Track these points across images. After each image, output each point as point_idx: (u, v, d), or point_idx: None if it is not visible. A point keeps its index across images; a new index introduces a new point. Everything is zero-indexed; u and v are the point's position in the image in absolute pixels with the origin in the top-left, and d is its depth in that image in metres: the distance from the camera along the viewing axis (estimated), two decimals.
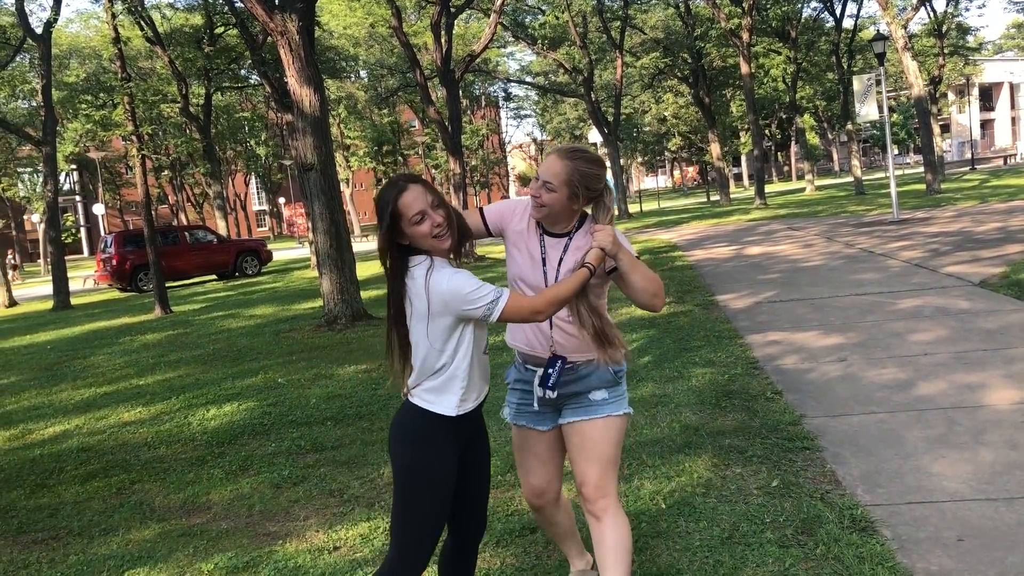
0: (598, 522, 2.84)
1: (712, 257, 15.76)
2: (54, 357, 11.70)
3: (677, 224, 27.84)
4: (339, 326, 11.10)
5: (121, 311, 18.14)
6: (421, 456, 2.53)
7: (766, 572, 3.32)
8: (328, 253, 11.23)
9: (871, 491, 4.05)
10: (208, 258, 25.70)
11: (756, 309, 9.44)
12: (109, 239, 24.83)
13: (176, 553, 4.22)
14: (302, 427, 6.42)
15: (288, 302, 15.86)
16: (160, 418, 7.23)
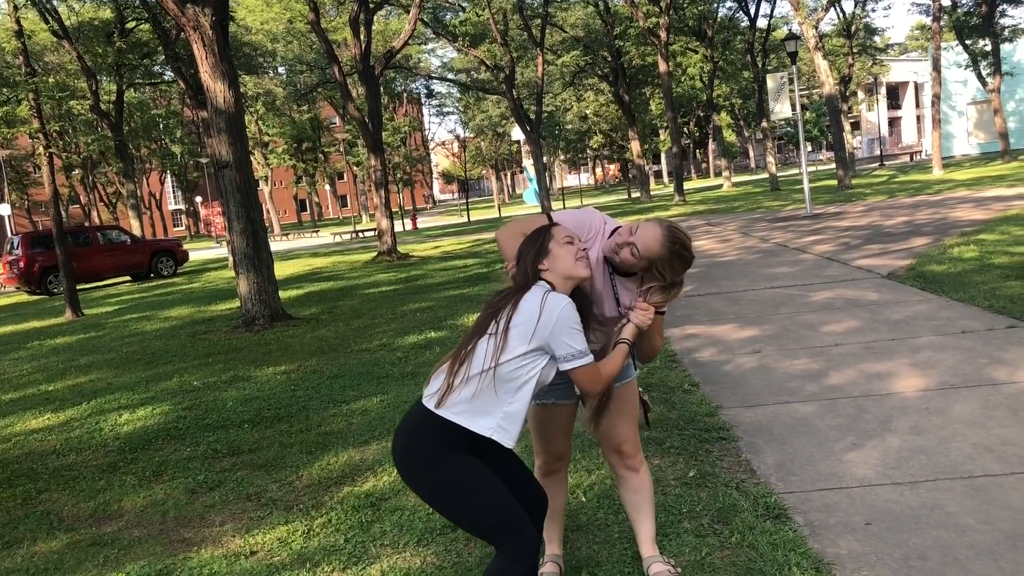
0: (635, 474, 3.18)
1: None
2: None
3: None
4: (257, 327, 10.89)
5: (29, 315, 17.49)
6: (449, 452, 2.52)
7: (683, 561, 3.37)
8: (245, 253, 11.00)
9: (784, 479, 4.15)
10: (122, 259, 24.95)
11: (674, 304, 9.57)
12: (16, 240, 23.90)
13: (85, 563, 4.08)
14: (218, 430, 6.28)
15: (205, 303, 15.51)
16: (70, 424, 6.99)
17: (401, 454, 2.58)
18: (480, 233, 28.84)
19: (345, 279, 17.26)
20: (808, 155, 75.91)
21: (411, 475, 2.56)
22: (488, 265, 16.67)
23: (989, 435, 4.40)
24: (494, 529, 2.53)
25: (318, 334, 10.19)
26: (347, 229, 45.18)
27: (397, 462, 2.59)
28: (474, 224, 36.85)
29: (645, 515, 3.20)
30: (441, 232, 33.43)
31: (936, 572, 3.10)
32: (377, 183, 20.05)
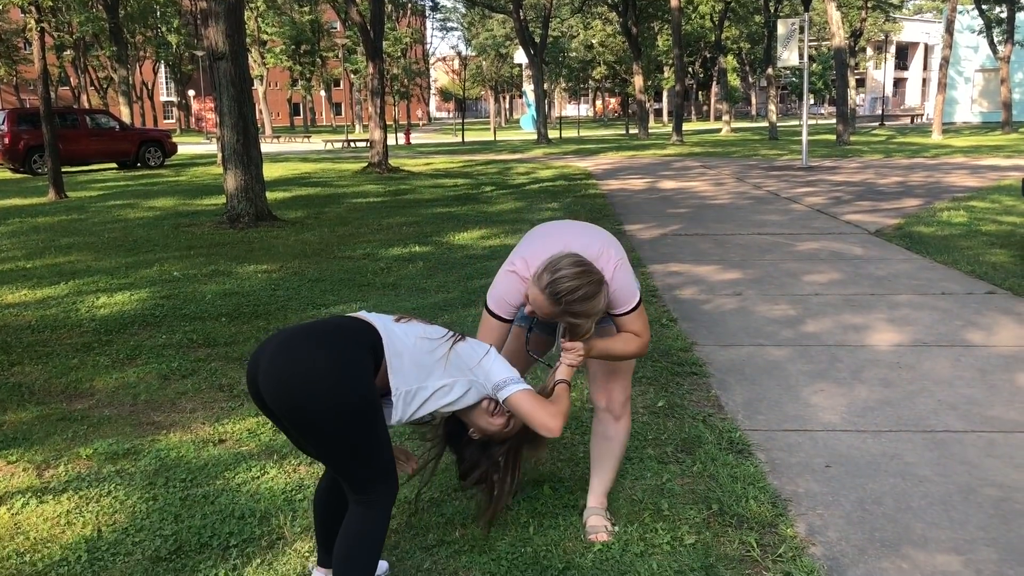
0: (616, 421, 3.12)
1: (625, 188, 15.88)
2: None
3: (594, 153, 27.90)
4: (241, 224, 10.82)
5: (12, 192, 17.28)
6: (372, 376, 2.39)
7: (644, 485, 3.43)
8: (235, 148, 10.86)
9: (751, 417, 4.21)
10: (109, 145, 24.55)
11: (661, 241, 9.59)
12: (2, 116, 23.42)
13: (54, 436, 4.11)
14: (195, 321, 6.28)
15: (191, 196, 15.36)
16: (46, 302, 6.97)
17: (328, 359, 2.31)
18: (473, 154, 28.59)
19: (333, 186, 17.11)
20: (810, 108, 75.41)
21: (326, 387, 2.28)
22: (477, 187, 16.57)
23: (955, 393, 4.47)
24: (382, 470, 2.40)
25: (302, 237, 10.14)
26: (339, 137, 44.62)
27: (315, 368, 2.29)
28: (468, 145, 36.49)
29: (607, 466, 3.14)
30: (434, 150, 33.10)
31: (888, 517, 3.18)
32: (373, 91, 19.73)
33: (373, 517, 2.41)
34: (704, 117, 79.39)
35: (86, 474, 3.66)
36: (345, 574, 2.39)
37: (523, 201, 13.68)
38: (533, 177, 18.39)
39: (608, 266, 2.72)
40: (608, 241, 2.82)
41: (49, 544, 3.04)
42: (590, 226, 2.90)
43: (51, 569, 2.88)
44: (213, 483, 3.53)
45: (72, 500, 3.39)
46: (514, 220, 11.33)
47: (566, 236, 2.79)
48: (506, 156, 27.00)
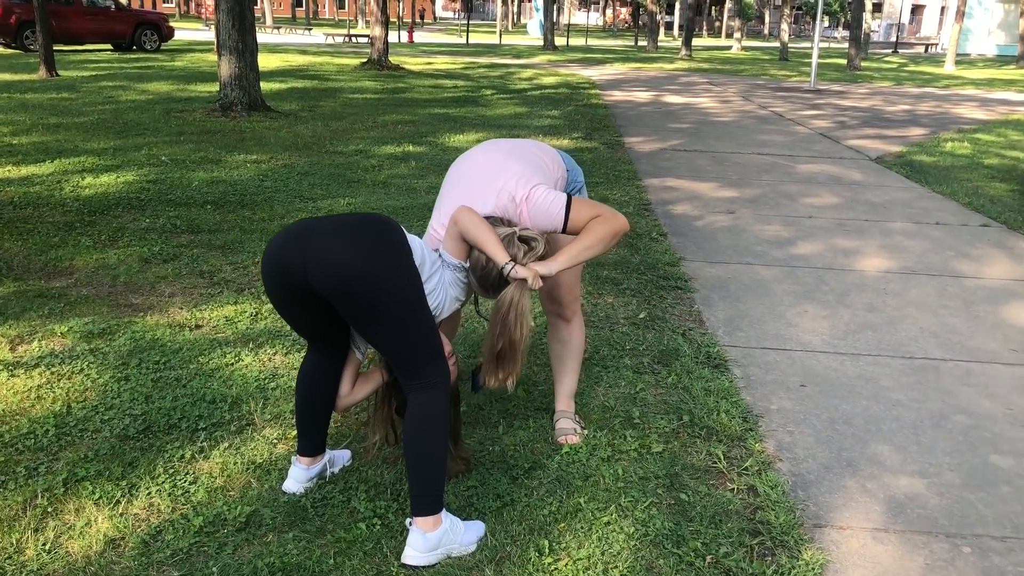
0: (567, 324, 3.10)
1: (629, 100, 15.60)
2: None
3: (600, 63, 27.36)
4: (234, 113, 10.61)
5: (1, 68, 16.89)
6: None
7: (617, 393, 3.43)
8: (229, 34, 10.57)
9: (731, 334, 4.20)
10: (104, 25, 23.91)
11: (660, 155, 9.46)
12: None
13: (30, 312, 4.08)
14: (180, 207, 6.20)
15: (185, 82, 15.05)
16: (30, 179, 6.86)
17: (376, 240, 2.31)
18: (476, 56, 28.00)
19: (330, 81, 16.77)
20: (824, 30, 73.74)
21: (377, 264, 2.27)
22: (476, 90, 16.26)
23: (938, 322, 4.46)
24: (438, 349, 2.43)
25: (295, 130, 9.96)
26: (341, 32, 43.59)
27: (368, 248, 2.28)
28: (472, 47, 35.70)
29: (568, 368, 3.13)
30: (437, 50, 32.40)
31: (857, 437, 3.19)
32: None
33: (436, 398, 2.41)
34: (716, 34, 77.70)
35: (59, 351, 3.63)
36: (422, 460, 2.37)
37: (524, 107, 13.44)
38: (535, 83, 18.05)
39: (518, 203, 2.59)
40: (514, 172, 2.65)
41: (18, 417, 3.04)
42: (497, 158, 2.73)
43: (18, 441, 2.88)
44: (187, 367, 3.52)
45: (44, 376, 3.38)
46: (512, 126, 11.14)
47: (473, 185, 2.66)
48: (509, 60, 26.46)
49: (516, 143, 2.89)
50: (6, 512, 2.48)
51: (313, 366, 2.65)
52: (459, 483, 2.72)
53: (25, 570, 2.24)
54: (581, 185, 3.02)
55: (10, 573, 2.23)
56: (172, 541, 2.39)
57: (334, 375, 2.65)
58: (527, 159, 2.75)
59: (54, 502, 2.53)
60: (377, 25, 19.57)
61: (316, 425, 2.68)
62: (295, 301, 2.39)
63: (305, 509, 2.56)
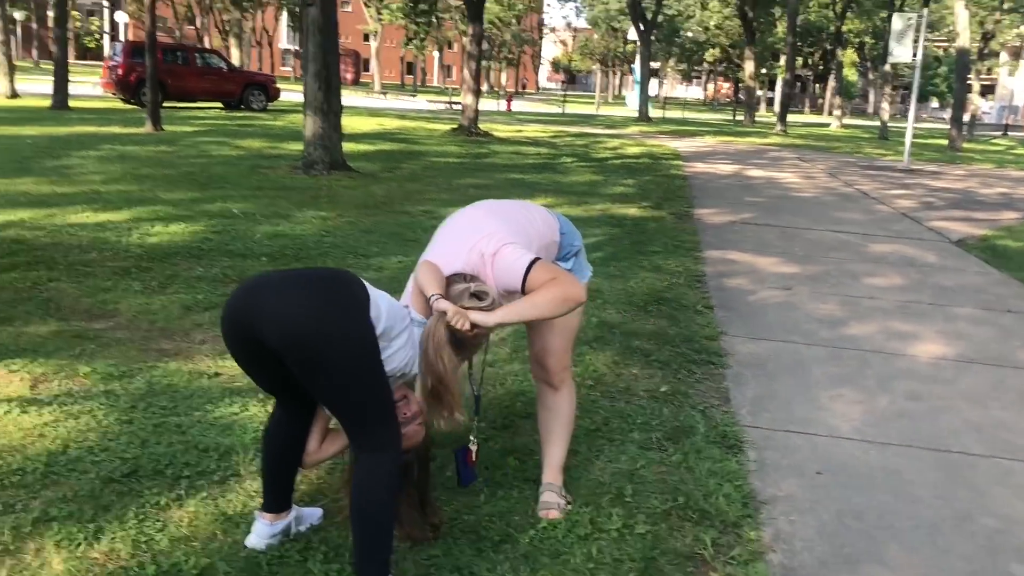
0: (555, 392, 2.97)
1: (710, 172, 15.48)
2: (30, 152, 11.58)
3: (691, 136, 27.31)
4: (315, 171, 10.94)
5: (114, 120, 17.89)
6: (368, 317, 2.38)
7: (615, 468, 3.30)
8: (315, 96, 10.97)
9: (756, 414, 4.02)
10: (216, 84, 25.19)
11: (728, 228, 9.29)
12: (118, 47, 24.34)
13: (62, 352, 4.21)
14: (236, 258, 6.37)
15: (278, 140, 15.64)
16: (104, 225, 7.17)
17: (326, 297, 2.29)
18: (568, 126, 28.33)
19: (418, 144, 17.18)
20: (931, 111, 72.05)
21: (322, 321, 2.24)
22: (557, 157, 16.40)
23: (986, 415, 4.18)
24: (389, 412, 2.37)
25: (370, 189, 10.19)
26: (443, 99, 44.79)
27: (315, 305, 2.25)
28: (567, 116, 36.18)
29: (555, 438, 3.01)
30: (532, 118, 32.93)
31: (864, 533, 2.98)
32: (469, 54, 19.66)
33: (384, 462, 2.34)
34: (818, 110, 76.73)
35: (77, 391, 3.73)
36: (366, 527, 2.31)
37: (600, 175, 13.47)
38: (618, 153, 18.10)
39: (485, 260, 2.57)
40: (489, 231, 2.62)
41: (14, 453, 3.11)
42: (477, 217, 2.73)
43: (6, 476, 2.94)
44: (191, 414, 3.55)
45: (53, 414, 3.46)
46: (583, 192, 11.16)
47: (449, 242, 2.67)
48: (600, 130, 26.67)
49: (504, 204, 2.87)
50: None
51: (279, 421, 2.63)
52: (421, 550, 2.64)
53: None
54: (578, 249, 2.97)
55: None
56: None
57: (301, 431, 2.63)
58: (509, 219, 2.73)
59: (17, 540, 2.56)
60: (469, 93, 20.03)
61: (281, 482, 2.66)
62: (251, 355, 2.40)
63: (260, 566, 2.52)
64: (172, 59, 24.49)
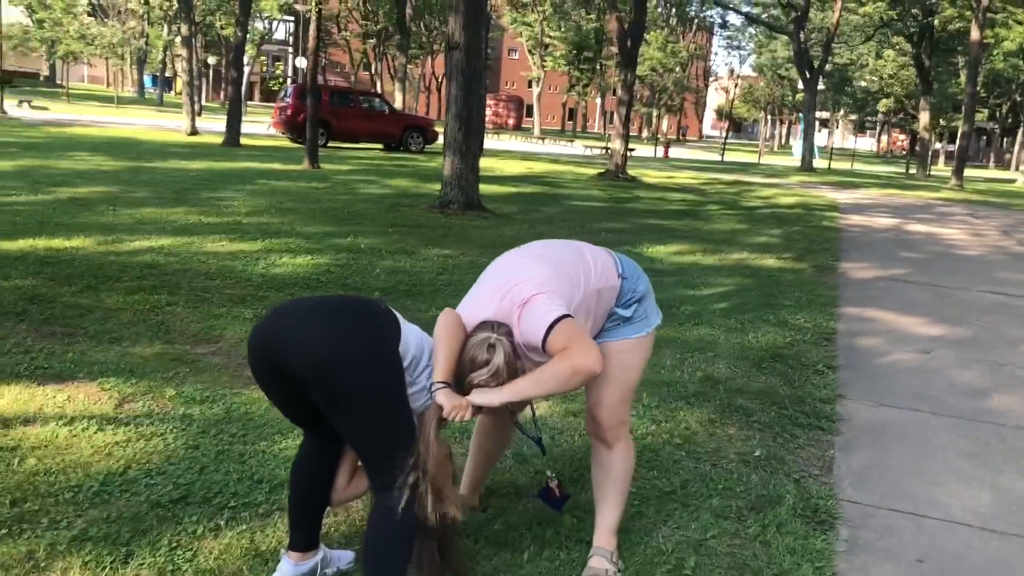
0: (608, 449, 2.77)
1: (867, 225, 14.64)
2: (190, 184, 12.30)
3: (855, 187, 26.07)
4: (450, 211, 11.07)
5: (277, 158, 18.84)
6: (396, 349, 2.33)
7: (681, 536, 3.02)
8: (455, 137, 11.13)
9: (859, 487, 3.62)
10: (377, 126, 26.18)
11: (873, 284, 8.68)
12: (289, 89, 25.70)
13: (157, 373, 4.31)
14: (351, 290, 6.45)
15: (425, 180, 15.99)
16: (235, 255, 7.44)
17: (351, 325, 2.24)
18: (723, 173, 27.67)
19: (562, 188, 17.17)
20: None
21: (345, 350, 2.18)
22: (702, 204, 15.97)
23: None
24: (403, 450, 2.26)
25: (500, 230, 10.19)
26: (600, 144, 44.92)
27: (339, 332, 2.21)
28: (725, 164, 35.40)
29: (608, 499, 2.80)
30: (688, 165, 32.43)
31: None
32: (620, 99, 19.59)
33: (398, 503, 2.24)
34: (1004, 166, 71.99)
35: (157, 413, 3.79)
36: (376, 567, 2.25)
37: (744, 224, 12.99)
38: (770, 202, 17.45)
39: (515, 308, 2.43)
40: (527, 276, 2.48)
41: (77, 470, 3.16)
42: (520, 259, 2.61)
43: (61, 492, 2.98)
44: (256, 444, 3.53)
45: (127, 434, 3.52)
46: (722, 241, 10.75)
47: (487, 286, 2.56)
48: (757, 179, 25.90)
49: (558, 245, 2.70)
50: (6, 560, 2.54)
51: (308, 456, 2.54)
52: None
53: None
54: (641, 295, 2.75)
55: None
56: None
57: (330, 466, 2.53)
58: (555, 263, 2.55)
59: (49, 557, 2.57)
60: (618, 139, 19.93)
61: (307, 518, 2.56)
62: (274, 382, 2.33)
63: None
64: (338, 101, 25.68)
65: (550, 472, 2.82)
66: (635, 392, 2.80)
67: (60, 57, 57.66)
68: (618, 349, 2.69)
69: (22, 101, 35.77)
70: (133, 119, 32.08)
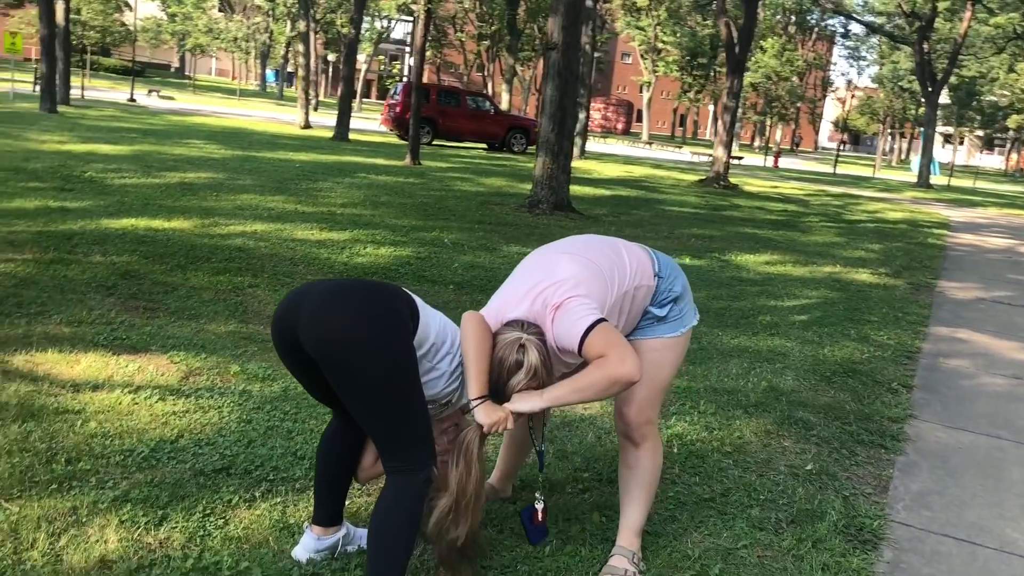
0: (635, 448, 2.75)
1: (977, 244, 13.99)
2: (292, 174, 12.69)
3: (972, 205, 24.94)
4: (539, 211, 11.11)
5: (381, 153, 19.25)
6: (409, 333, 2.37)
7: (712, 543, 2.96)
8: (548, 137, 11.17)
9: (913, 510, 3.48)
10: (482, 126, 26.44)
11: (971, 304, 8.30)
12: (399, 87, 26.19)
13: (226, 350, 4.48)
14: (427, 283, 6.55)
15: (521, 180, 16.06)
16: (323, 243, 7.65)
17: (365, 307, 2.25)
18: (833, 186, 26.86)
19: (658, 192, 16.99)
20: None
21: (355, 332, 2.20)
22: (802, 215, 15.54)
23: None
24: (421, 435, 2.29)
25: (586, 231, 10.15)
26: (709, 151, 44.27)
27: (354, 319, 2.23)
28: (837, 176, 34.36)
29: (633, 499, 2.76)
30: (797, 176, 31.62)
31: None
32: (724, 106, 19.26)
33: (409, 486, 2.29)
34: None
35: (219, 387, 3.94)
36: (379, 552, 2.26)
37: (842, 237, 12.59)
38: (875, 216, 16.86)
39: (548, 311, 2.42)
40: (560, 277, 2.46)
41: (132, 435, 3.31)
42: (553, 256, 2.58)
43: (112, 454, 3.13)
44: (307, 422, 3.63)
45: (185, 405, 3.67)
46: (816, 253, 10.46)
47: (520, 283, 2.54)
48: (867, 193, 25.05)
49: (595, 243, 2.67)
50: (51, 512, 2.69)
51: (335, 431, 2.61)
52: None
53: (16, 568, 2.40)
54: (677, 295, 2.71)
55: (7, 566, 2.40)
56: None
57: (355, 443, 2.59)
58: (590, 263, 2.54)
59: (91, 514, 2.71)
60: (720, 145, 19.61)
61: (332, 494, 2.62)
62: (295, 361, 2.39)
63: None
64: (445, 100, 26.06)
65: (539, 494, 2.78)
66: (665, 392, 2.77)
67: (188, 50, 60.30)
68: (651, 347, 2.67)
69: (151, 91, 37.63)
70: (251, 111, 33.31)
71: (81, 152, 12.27)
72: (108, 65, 58.67)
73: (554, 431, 3.85)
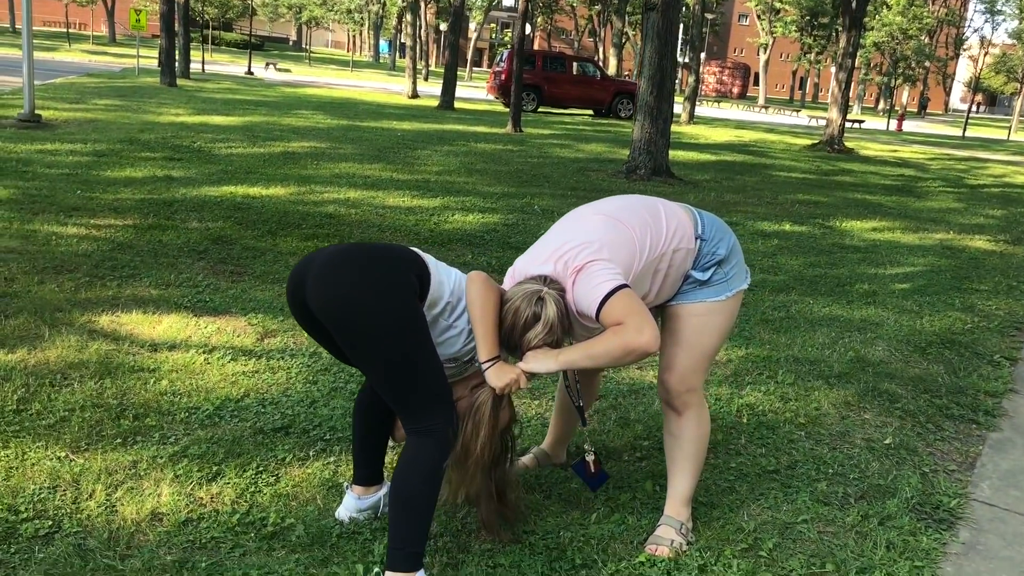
0: (678, 416, 2.66)
1: None
2: (393, 143, 12.85)
3: None
4: (636, 176, 10.91)
5: (485, 121, 19.29)
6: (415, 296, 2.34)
7: (769, 516, 2.85)
8: (647, 100, 10.92)
9: (1000, 489, 3.26)
10: (587, 92, 26.19)
11: None
12: (504, 54, 26.16)
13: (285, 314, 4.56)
14: (510, 251, 6.52)
15: (621, 146, 15.83)
16: (413, 210, 7.72)
17: (369, 270, 2.21)
18: (960, 150, 25.47)
19: (766, 157, 16.45)
20: None
21: (360, 295, 2.16)
22: (920, 180, 14.77)
23: None
24: (436, 395, 2.27)
25: (685, 197, 9.92)
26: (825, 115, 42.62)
27: (353, 281, 2.18)
28: (965, 140, 32.58)
29: (679, 468, 2.67)
30: (920, 139, 30.11)
31: None
32: (840, 65, 18.42)
33: (428, 446, 2.28)
34: None
35: (291, 349, 4.03)
36: (402, 512, 2.26)
37: (961, 203, 11.90)
38: (1002, 180, 15.89)
39: (569, 273, 2.33)
40: (586, 239, 2.37)
41: (200, 393, 3.42)
42: (585, 216, 2.48)
43: (178, 411, 3.24)
44: None
45: (256, 366, 3.76)
46: (929, 219, 9.92)
47: (549, 242, 2.45)
48: (997, 156, 23.63)
49: (633, 203, 2.56)
50: (112, 465, 2.80)
51: (369, 392, 2.61)
52: (489, 556, 2.46)
53: (73, 517, 2.51)
54: (722, 258, 2.57)
55: (65, 514, 2.51)
56: (203, 529, 2.51)
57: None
58: (621, 225, 2.43)
59: (149, 468, 2.80)
60: (834, 107, 18.80)
61: (370, 454, 2.63)
62: (309, 322, 2.39)
63: (329, 536, 2.52)
64: (551, 67, 25.89)
65: (588, 445, 2.72)
66: (711, 359, 2.64)
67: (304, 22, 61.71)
68: (693, 312, 2.56)
69: (268, 63, 38.75)
70: (363, 82, 33.93)
71: (194, 123, 12.74)
72: (229, 39, 60.80)
73: (619, 398, 3.78)
